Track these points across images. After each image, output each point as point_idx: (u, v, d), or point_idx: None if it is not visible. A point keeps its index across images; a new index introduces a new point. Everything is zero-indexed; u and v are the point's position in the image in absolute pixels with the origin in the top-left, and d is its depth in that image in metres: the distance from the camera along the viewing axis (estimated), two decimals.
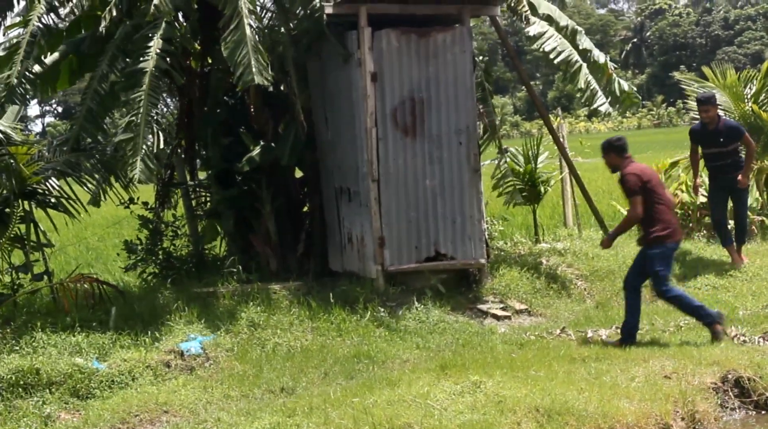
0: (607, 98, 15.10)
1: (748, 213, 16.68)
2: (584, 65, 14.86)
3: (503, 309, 12.63)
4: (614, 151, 10.84)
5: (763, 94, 18.43)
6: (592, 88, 14.94)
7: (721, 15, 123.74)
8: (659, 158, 19.83)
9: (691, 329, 11.04)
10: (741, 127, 14.47)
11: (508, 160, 16.25)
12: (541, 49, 14.78)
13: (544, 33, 14.74)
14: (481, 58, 15.96)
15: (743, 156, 14.44)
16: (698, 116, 19.24)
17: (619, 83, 15.33)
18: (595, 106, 15.14)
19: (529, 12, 13.96)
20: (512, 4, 13.87)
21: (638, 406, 8.37)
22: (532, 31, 14.66)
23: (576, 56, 14.79)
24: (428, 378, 9.11)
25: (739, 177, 14.06)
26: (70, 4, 13.58)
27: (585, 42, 15.26)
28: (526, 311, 12.70)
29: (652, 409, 8.35)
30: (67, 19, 14.30)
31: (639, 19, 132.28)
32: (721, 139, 14.08)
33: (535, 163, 16.49)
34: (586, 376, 9.15)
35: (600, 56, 15.31)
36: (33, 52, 12.83)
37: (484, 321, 12.14)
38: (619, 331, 11.05)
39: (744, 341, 10.46)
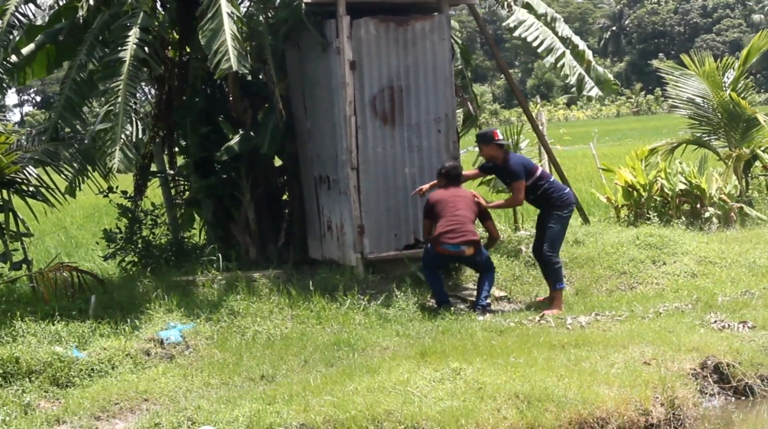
0: None
1: (723, 197, 16.66)
2: (567, 51, 14.90)
3: None
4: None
5: (741, 82, 18.56)
6: (578, 73, 14.98)
7: (700, 3, 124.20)
8: (638, 146, 19.87)
9: (670, 315, 11.09)
10: (517, 172, 12.03)
11: None
12: (522, 38, 14.82)
13: (525, 21, 14.77)
14: (460, 42, 15.88)
15: (555, 193, 12.16)
16: (676, 105, 19.49)
17: (597, 70, 15.38)
18: (584, 92, 15.16)
19: (512, 0, 13.96)
20: None
21: (618, 392, 8.40)
22: (512, 20, 14.69)
23: (558, 43, 14.84)
24: (408, 365, 9.13)
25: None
26: None
27: (564, 29, 15.30)
28: (505, 298, 12.73)
29: (631, 395, 8.38)
30: (46, 11, 14.25)
31: (618, 7, 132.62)
32: (508, 181, 12.46)
33: (515, 151, 16.53)
34: (565, 362, 9.18)
35: (579, 43, 15.36)
36: (11, 43, 12.78)
37: (463, 308, 12.15)
38: (597, 318, 11.20)
39: (723, 327, 10.50)
